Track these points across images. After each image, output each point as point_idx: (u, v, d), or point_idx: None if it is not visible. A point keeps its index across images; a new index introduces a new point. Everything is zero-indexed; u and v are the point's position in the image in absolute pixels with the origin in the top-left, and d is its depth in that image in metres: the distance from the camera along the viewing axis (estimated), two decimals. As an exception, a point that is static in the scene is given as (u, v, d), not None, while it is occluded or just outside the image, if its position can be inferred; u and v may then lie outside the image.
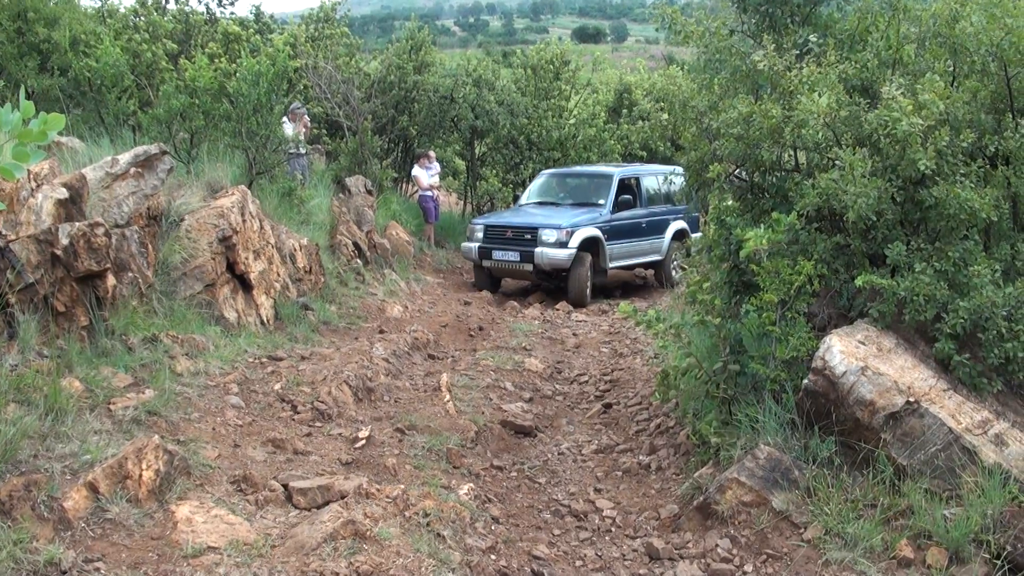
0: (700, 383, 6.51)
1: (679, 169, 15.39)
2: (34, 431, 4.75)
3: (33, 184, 6.45)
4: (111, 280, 6.59)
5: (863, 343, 5.55)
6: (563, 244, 13.71)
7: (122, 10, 14.99)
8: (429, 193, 15.91)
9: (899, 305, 5.65)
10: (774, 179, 6.87)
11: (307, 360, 8.08)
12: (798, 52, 6.68)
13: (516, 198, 16.10)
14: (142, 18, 14.59)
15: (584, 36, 79.56)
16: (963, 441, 5.10)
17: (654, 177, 15.73)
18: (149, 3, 15.38)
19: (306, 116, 14.17)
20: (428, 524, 4.77)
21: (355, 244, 12.72)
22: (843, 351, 5.40)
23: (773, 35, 6.96)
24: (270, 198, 11.14)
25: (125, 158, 7.51)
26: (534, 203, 15.55)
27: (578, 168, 16.93)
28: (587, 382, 9.13)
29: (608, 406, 8.20)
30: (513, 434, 7.32)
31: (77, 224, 6.28)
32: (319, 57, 15.66)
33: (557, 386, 8.98)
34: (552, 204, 15.32)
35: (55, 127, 1.91)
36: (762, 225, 6.09)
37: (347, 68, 16.31)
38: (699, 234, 15.35)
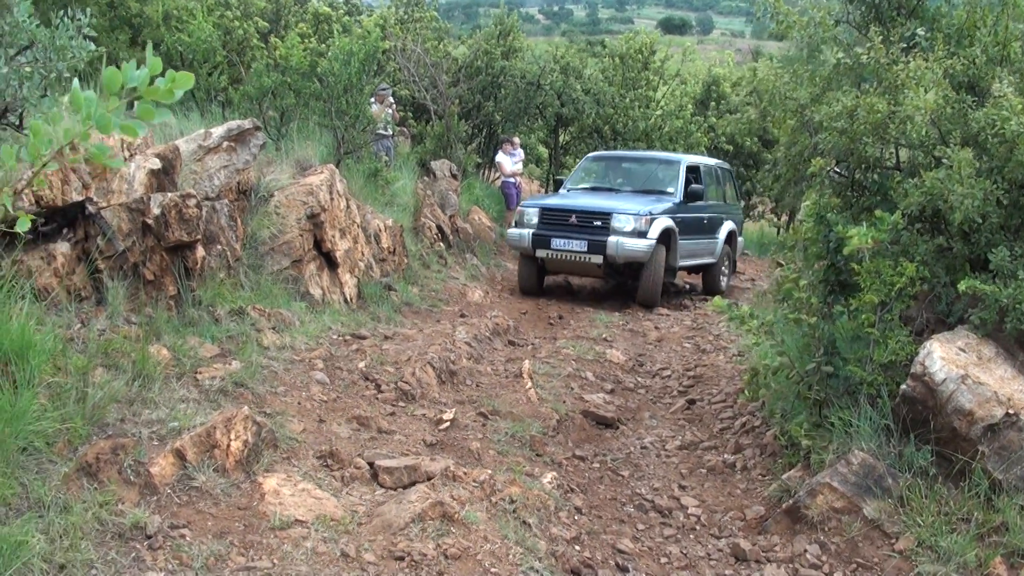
0: (791, 383, 6.30)
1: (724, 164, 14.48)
2: (122, 396, 4.79)
3: (126, 153, 6.52)
4: (200, 251, 6.64)
5: (963, 350, 5.32)
6: (642, 233, 11.72)
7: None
8: (512, 180, 15.82)
9: (1000, 313, 5.39)
10: (875, 176, 6.62)
11: (390, 340, 8.07)
12: (905, 45, 6.41)
13: (558, 184, 14.38)
14: (235, -5, 14.79)
15: (669, 27, 78.62)
16: (1063, 458, 4.84)
17: (711, 170, 14.40)
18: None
19: (391, 97, 14.15)
20: (514, 511, 4.70)
21: (438, 227, 12.72)
22: (944, 358, 5.17)
23: (879, 27, 6.70)
24: (356, 178, 11.19)
25: (218, 132, 7.57)
26: (585, 188, 13.64)
27: (636, 152, 15.21)
28: (670, 376, 8.96)
29: (692, 402, 8.04)
30: (594, 425, 7.22)
31: (169, 194, 6.33)
32: (408, 40, 15.68)
33: (639, 379, 8.83)
34: (608, 190, 13.39)
35: (184, 85, 1.85)
36: (864, 223, 5.86)
37: (435, 52, 16.30)
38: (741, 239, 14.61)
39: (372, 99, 12.71)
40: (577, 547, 4.82)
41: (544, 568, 4.24)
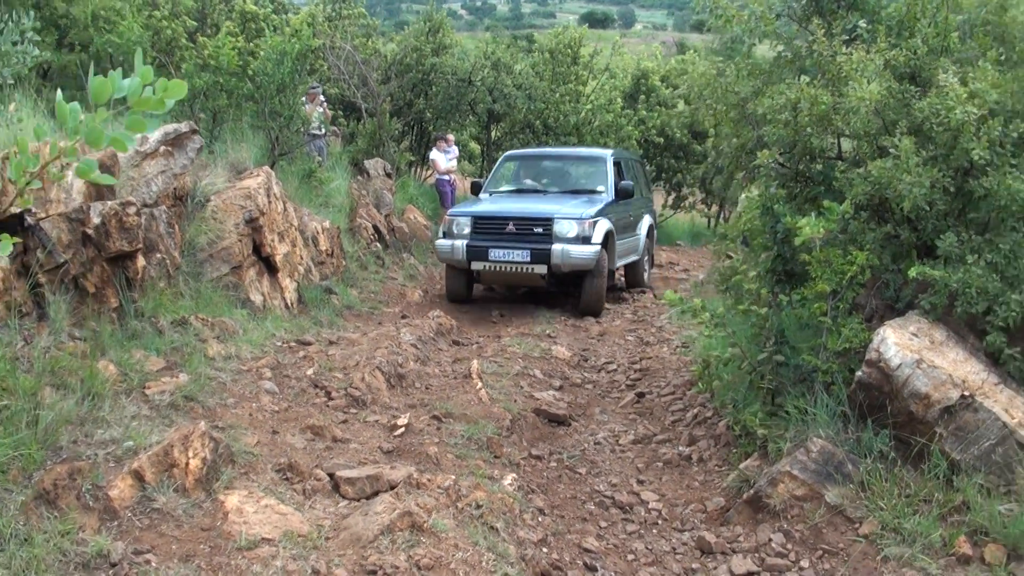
0: (743, 374, 6.36)
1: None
2: (73, 416, 4.62)
3: (64, 161, 6.27)
4: (141, 261, 6.46)
5: (916, 335, 5.41)
6: (586, 239, 10.93)
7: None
8: (446, 177, 15.71)
9: (950, 297, 5.50)
10: (819, 166, 6.70)
11: (335, 345, 7.95)
12: (847, 37, 6.50)
13: (476, 187, 13.23)
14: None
15: (592, 21, 78.62)
16: (1017, 436, 4.98)
17: (629, 163, 13.89)
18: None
19: (322, 96, 13.91)
20: (481, 516, 4.64)
21: (375, 227, 12.59)
22: (898, 343, 5.26)
23: (820, 20, 6.78)
24: (291, 180, 11.00)
25: (155, 136, 7.35)
26: (508, 191, 12.76)
27: (557, 149, 14.45)
28: (616, 371, 8.99)
29: (641, 395, 8.07)
30: (547, 423, 7.20)
31: (109, 203, 6.13)
32: (337, 37, 15.46)
33: (586, 374, 8.84)
34: (534, 192, 12.50)
35: (176, 95, 1.76)
36: (812, 213, 5.93)
37: (364, 49, 16.10)
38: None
39: (304, 98, 12.51)
40: (545, 549, 4.79)
41: (517, 573, 4.20)
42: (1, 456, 3.89)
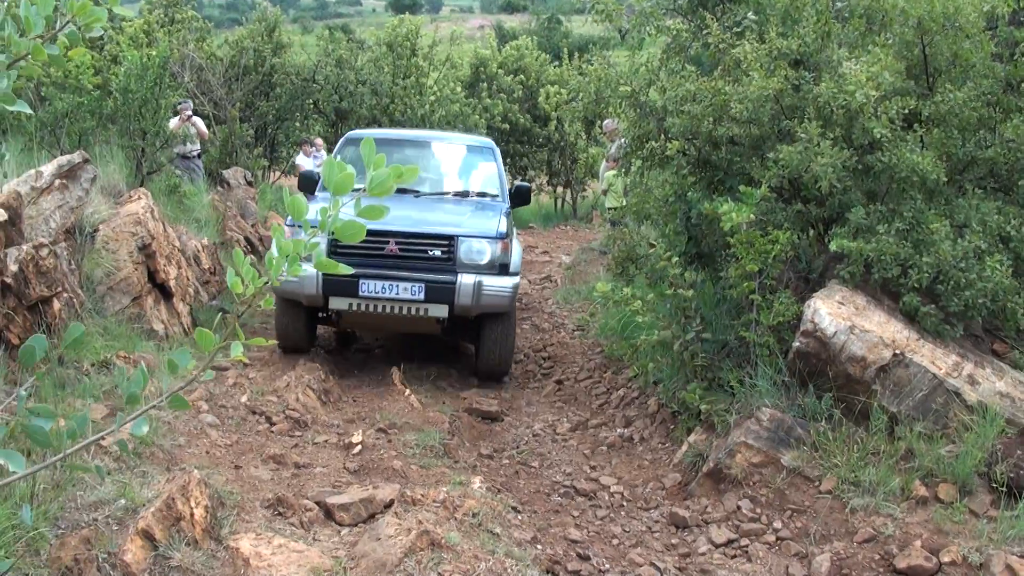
0: (675, 354, 6.65)
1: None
2: (50, 480, 4.41)
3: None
4: (57, 304, 6.16)
5: (842, 303, 5.84)
6: (504, 267, 7.79)
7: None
8: (311, 181, 15.40)
9: (866, 265, 5.95)
10: (721, 152, 7.03)
11: (250, 367, 7.78)
12: (738, 29, 6.86)
13: (308, 181, 9.26)
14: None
15: (399, 7, 77.95)
16: (947, 384, 5.47)
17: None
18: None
19: (189, 111, 13.20)
20: (480, 524, 4.75)
21: (246, 239, 12.28)
22: (830, 312, 5.67)
23: (705, 13, 7.12)
24: (159, 198, 10.59)
25: (48, 170, 6.99)
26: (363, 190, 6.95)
27: (420, 133, 11.37)
28: (525, 360, 9.19)
29: (559, 383, 8.30)
30: (482, 420, 7.34)
31: (24, 247, 5.83)
32: (174, 43, 14.89)
33: (498, 367, 8.97)
34: (405, 194, 8.62)
35: (408, 179, 1.80)
36: (727, 198, 6.26)
37: (201, 54, 15.58)
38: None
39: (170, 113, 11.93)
40: (539, 546, 4.94)
41: (539, 574, 4.35)
42: (8, 536, 3.71)
